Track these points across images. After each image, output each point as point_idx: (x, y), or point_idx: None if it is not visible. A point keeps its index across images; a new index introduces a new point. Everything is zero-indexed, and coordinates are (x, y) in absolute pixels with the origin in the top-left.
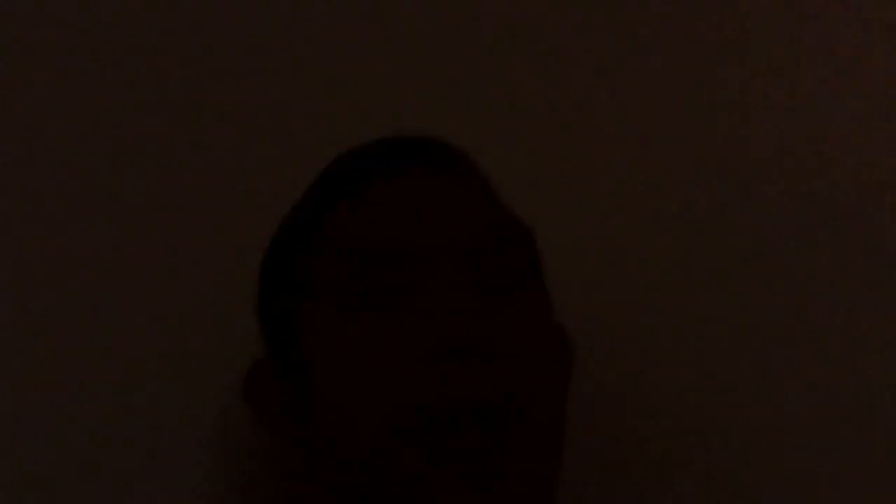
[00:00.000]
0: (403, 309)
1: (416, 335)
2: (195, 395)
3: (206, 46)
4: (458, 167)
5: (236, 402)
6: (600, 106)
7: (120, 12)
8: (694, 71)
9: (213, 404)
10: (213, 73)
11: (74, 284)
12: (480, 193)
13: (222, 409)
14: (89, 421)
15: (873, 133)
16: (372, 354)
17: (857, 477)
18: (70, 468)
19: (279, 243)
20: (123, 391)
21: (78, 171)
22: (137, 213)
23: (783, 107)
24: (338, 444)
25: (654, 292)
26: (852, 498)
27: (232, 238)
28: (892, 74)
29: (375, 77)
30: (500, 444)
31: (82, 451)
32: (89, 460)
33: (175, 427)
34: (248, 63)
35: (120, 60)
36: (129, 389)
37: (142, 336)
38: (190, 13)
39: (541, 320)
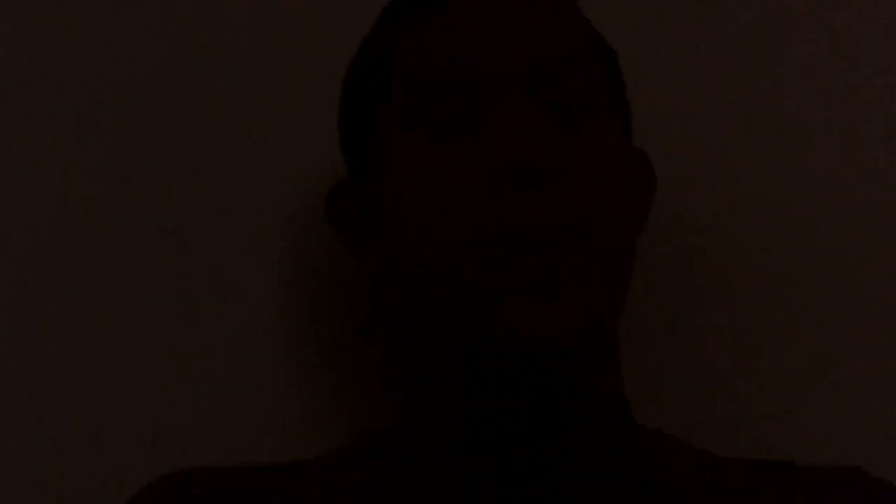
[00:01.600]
0: (471, 132)
1: (482, 159)
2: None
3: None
4: None
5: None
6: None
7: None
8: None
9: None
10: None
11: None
12: (558, 12)
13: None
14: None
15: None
16: (438, 177)
17: None
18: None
19: (355, 65)
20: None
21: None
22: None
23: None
24: (407, 266)
25: None
26: None
27: None
28: None
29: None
30: (566, 265)
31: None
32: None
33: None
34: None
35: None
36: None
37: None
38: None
39: (617, 146)
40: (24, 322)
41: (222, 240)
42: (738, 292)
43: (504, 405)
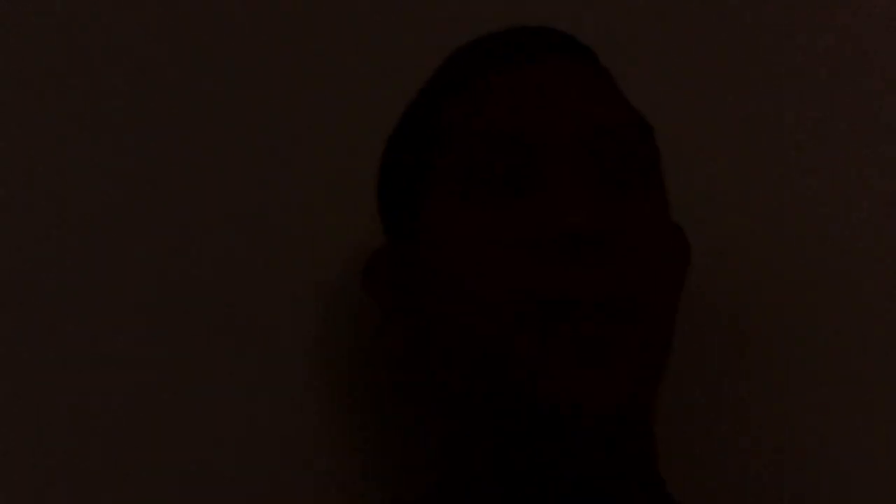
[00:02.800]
0: (524, 196)
1: (535, 223)
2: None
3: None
4: (584, 59)
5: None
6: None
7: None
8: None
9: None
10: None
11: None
12: (605, 86)
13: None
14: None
15: None
16: (489, 240)
17: None
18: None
19: (402, 130)
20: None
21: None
22: None
23: None
24: (452, 328)
25: None
26: None
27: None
28: None
29: (375, 75)
30: (612, 335)
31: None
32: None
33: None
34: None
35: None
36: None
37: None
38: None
39: (659, 218)
40: (27, 322)
41: (250, 308)
42: (738, 296)
43: (541, 474)
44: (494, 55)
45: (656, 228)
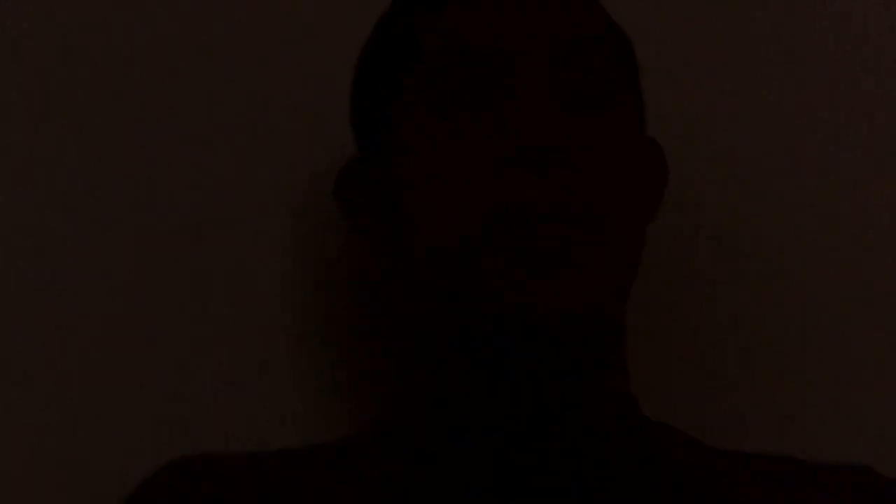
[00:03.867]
0: (488, 110)
1: (496, 137)
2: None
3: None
4: None
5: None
6: None
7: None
8: None
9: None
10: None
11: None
12: (579, 2)
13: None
14: None
15: None
16: (453, 153)
17: None
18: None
19: (373, 45)
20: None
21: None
22: None
23: None
24: (418, 241)
25: None
26: None
27: None
28: None
29: None
30: (567, 245)
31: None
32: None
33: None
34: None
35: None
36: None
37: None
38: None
39: (628, 133)
40: (30, 321)
41: (227, 232)
42: (741, 287)
43: (511, 387)
44: None
45: (623, 143)
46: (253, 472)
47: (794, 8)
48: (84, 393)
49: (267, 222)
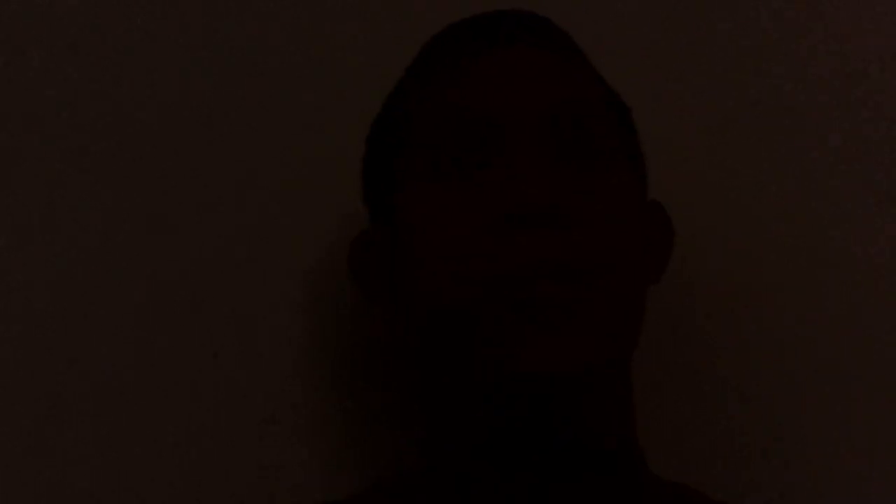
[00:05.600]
0: (484, 174)
1: (493, 200)
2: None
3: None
4: (553, 42)
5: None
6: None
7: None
8: None
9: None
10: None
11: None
12: (573, 68)
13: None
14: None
15: None
16: (453, 218)
17: None
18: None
19: (379, 117)
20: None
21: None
22: None
23: None
24: (423, 306)
25: None
26: None
27: None
28: None
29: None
30: (566, 302)
31: None
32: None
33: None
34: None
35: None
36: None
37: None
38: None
39: (629, 196)
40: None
41: (244, 285)
42: (744, 355)
43: (515, 441)
44: (463, 40)
45: (620, 203)
46: None
47: (793, 73)
48: (89, 447)
49: (279, 285)
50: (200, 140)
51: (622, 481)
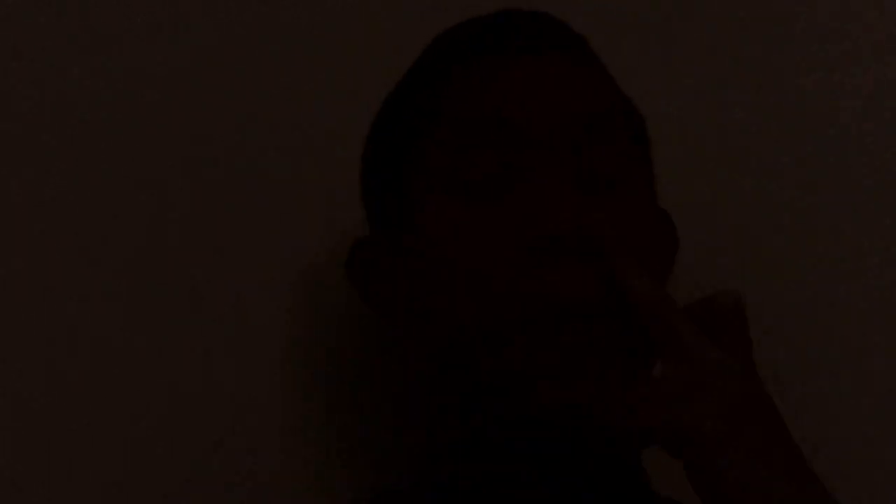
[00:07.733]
0: (511, 194)
1: (520, 224)
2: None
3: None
4: (572, 49)
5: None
6: None
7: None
8: None
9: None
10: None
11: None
12: (592, 77)
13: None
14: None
15: None
16: (478, 239)
17: None
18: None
19: (385, 118)
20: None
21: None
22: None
23: None
24: (442, 326)
25: None
26: None
27: None
28: None
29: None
30: (599, 340)
31: None
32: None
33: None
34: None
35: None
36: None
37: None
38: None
39: (646, 208)
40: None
41: (244, 285)
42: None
43: (527, 469)
44: (480, 43)
45: (642, 219)
46: None
47: (804, 85)
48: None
49: (279, 285)
50: (200, 140)
51: (627, 500)
